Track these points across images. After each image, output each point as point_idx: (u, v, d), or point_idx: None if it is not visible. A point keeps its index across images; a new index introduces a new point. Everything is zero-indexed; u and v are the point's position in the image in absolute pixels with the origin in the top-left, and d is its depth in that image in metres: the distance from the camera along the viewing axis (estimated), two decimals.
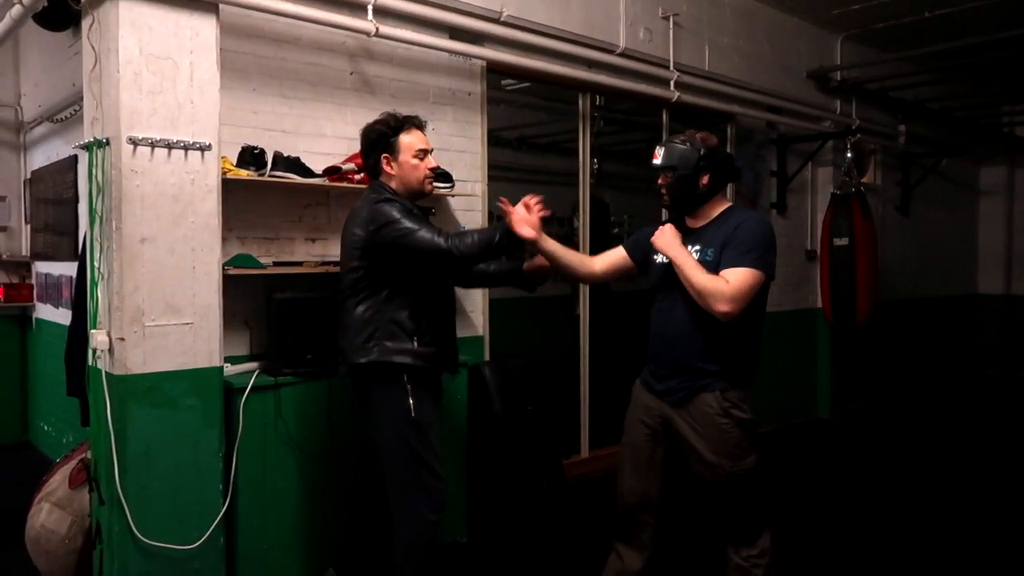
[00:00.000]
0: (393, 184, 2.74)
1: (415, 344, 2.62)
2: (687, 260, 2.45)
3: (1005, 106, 7.95)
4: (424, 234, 2.54)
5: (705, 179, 2.51)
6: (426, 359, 2.63)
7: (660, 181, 2.58)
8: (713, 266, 2.44)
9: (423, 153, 2.75)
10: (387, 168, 2.74)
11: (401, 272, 2.61)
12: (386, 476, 2.69)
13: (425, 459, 2.63)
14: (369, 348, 2.62)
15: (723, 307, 2.36)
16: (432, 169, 2.78)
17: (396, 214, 2.58)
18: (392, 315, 2.61)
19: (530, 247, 2.63)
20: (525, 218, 2.55)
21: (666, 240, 2.54)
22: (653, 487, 2.66)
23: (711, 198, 2.56)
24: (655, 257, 2.63)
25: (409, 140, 2.73)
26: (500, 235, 2.55)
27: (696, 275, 2.41)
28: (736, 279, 2.38)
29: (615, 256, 2.82)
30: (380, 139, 2.74)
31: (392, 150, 2.73)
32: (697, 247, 2.52)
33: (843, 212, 5.84)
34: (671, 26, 4.83)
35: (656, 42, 4.79)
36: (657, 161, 2.57)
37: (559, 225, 5.05)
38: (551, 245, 2.67)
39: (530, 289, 2.97)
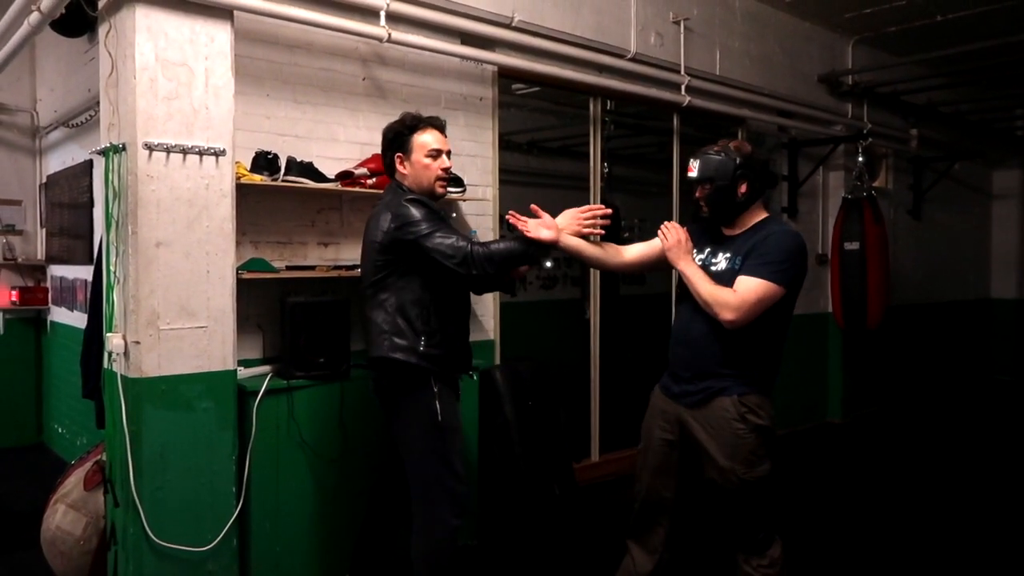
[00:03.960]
0: (407, 183, 2.72)
1: (422, 345, 2.60)
2: (694, 272, 2.48)
3: (1018, 109, 7.90)
4: (446, 238, 2.52)
5: (743, 188, 2.51)
6: (431, 360, 2.62)
7: (697, 194, 2.56)
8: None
9: (436, 153, 2.71)
10: (400, 167, 2.73)
11: (419, 272, 2.60)
12: (409, 478, 2.69)
13: (450, 462, 2.63)
14: (380, 345, 2.63)
15: (727, 315, 2.38)
16: (445, 170, 2.74)
17: (418, 215, 2.56)
18: (405, 314, 2.61)
19: (553, 251, 2.62)
20: (539, 222, 2.54)
21: (676, 254, 2.55)
22: (668, 491, 2.66)
23: (749, 206, 2.55)
24: None
25: (423, 139, 2.70)
26: (526, 246, 2.52)
27: (702, 285, 2.44)
28: (744, 289, 2.40)
29: (649, 248, 2.78)
30: (395, 138, 2.73)
31: (405, 149, 2.71)
32: (728, 254, 2.53)
33: (854, 216, 5.82)
34: (682, 30, 4.84)
35: (667, 47, 4.80)
36: (693, 174, 2.54)
37: None
38: (574, 242, 2.65)
39: (511, 292, 2.95)
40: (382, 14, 3.39)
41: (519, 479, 3.82)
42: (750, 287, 2.40)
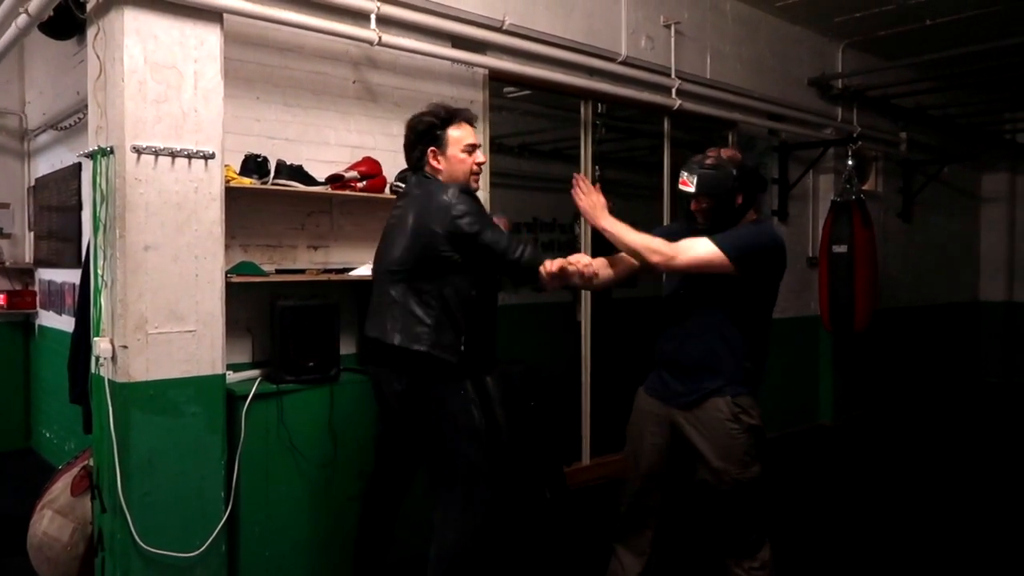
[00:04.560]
0: (440, 178, 2.64)
1: (462, 344, 2.55)
2: (618, 227, 2.52)
3: (1007, 113, 7.95)
4: (502, 237, 2.55)
5: (740, 199, 2.52)
6: (464, 360, 2.57)
7: (693, 206, 2.55)
8: None
9: (472, 148, 2.66)
10: (433, 162, 2.64)
11: (466, 269, 2.55)
12: (432, 482, 2.65)
13: (484, 471, 2.61)
14: (418, 338, 2.51)
15: (654, 258, 2.44)
16: (479, 164, 2.70)
17: (476, 208, 2.56)
18: (448, 310, 2.54)
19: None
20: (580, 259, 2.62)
21: (594, 214, 2.58)
22: (657, 493, 2.66)
23: (744, 214, 2.57)
24: None
25: (458, 134, 2.64)
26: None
27: (629, 236, 2.49)
28: (686, 242, 2.43)
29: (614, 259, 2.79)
30: (427, 131, 2.64)
31: (440, 144, 2.63)
32: None
33: (843, 219, 5.84)
34: (672, 34, 4.85)
35: (658, 50, 4.81)
36: (690, 188, 2.51)
37: (561, 232, 5.07)
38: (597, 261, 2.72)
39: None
40: (372, 17, 3.38)
41: (510, 482, 3.81)
42: (692, 242, 2.43)
